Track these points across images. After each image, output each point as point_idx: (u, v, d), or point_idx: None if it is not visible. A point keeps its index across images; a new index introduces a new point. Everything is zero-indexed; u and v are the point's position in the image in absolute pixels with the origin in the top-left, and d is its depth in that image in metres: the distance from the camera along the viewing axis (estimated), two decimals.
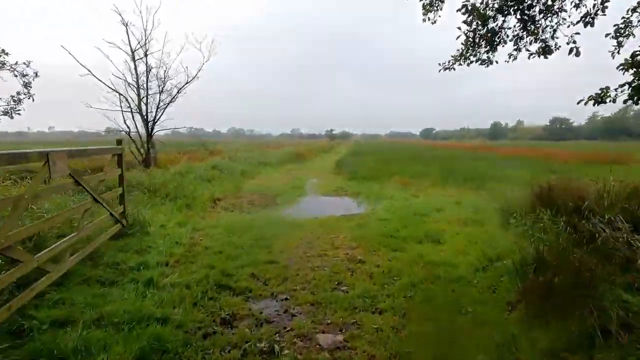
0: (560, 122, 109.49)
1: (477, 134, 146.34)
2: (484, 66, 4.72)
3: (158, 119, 10.88)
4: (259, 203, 8.78)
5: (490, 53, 4.61)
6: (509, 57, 4.76)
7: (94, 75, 10.23)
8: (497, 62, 4.74)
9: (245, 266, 4.46)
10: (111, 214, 4.76)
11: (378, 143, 76.96)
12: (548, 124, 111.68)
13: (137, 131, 11.30)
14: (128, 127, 10.51)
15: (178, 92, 10.90)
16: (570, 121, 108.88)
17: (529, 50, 4.57)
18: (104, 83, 10.37)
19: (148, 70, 10.49)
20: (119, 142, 5.20)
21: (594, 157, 19.07)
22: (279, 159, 20.27)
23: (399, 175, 13.65)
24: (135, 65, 10.88)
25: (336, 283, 4.04)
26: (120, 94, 10.32)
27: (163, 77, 10.65)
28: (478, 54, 4.68)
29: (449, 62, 4.88)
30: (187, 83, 10.95)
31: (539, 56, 4.55)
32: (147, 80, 10.49)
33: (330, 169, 18.04)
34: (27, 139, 66.29)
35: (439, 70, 4.92)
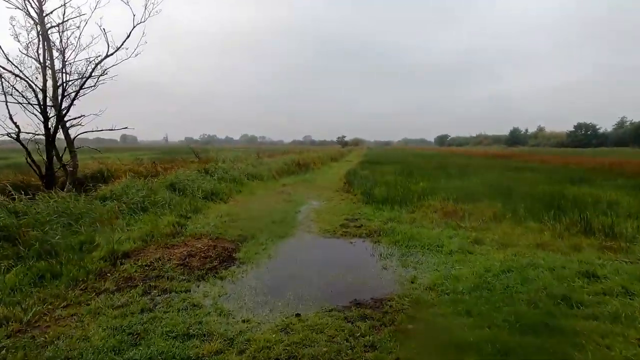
0: (586, 128, 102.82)
1: (495, 140, 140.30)
2: None
3: (66, 113, 7.00)
4: (199, 263, 4.75)
5: None
6: None
7: None
8: None
9: None
10: None
11: (393, 150, 72.68)
12: (572, 129, 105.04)
13: (50, 132, 7.44)
14: (17, 127, 6.65)
15: (94, 70, 7.01)
16: (597, 127, 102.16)
17: None
18: None
19: (39, 33, 6.56)
20: None
21: None
22: (275, 169, 16.26)
23: (434, 197, 9.51)
24: (45, 33, 6.99)
25: None
26: None
27: (62, 45, 6.77)
28: None
29: None
30: (107, 56, 7.04)
31: None
32: (44, 52, 6.62)
33: (338, 184, 13.95)
34: None
35: None
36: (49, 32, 6.70)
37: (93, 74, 7.02)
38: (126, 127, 8.56)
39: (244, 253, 5.22)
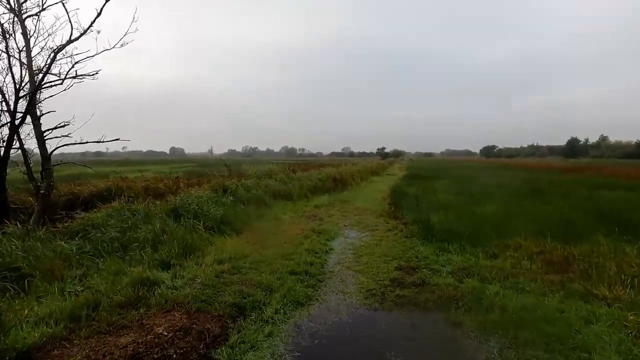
0: None
1: (550, 151, 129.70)
2: None
3: (22, 120, 5.29)
4: None
5: None
6: None
7: None
8: None
9: None
10: None
11: (438, 162, 68.38)
12: None
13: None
14: None
15: (54, 59, 5.29)
16: None
17: None
18: None
19: None
20: None
21: None
22: (307, 187, 14.15)
23: (514, 228, 6.91)
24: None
25: None
26: None
27: (9, 25, 5.14)
28: None
29: None
30: (71, 41, 5.24)
31: None
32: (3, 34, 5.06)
33: (381, 205, 11.51)
34: None
35: None
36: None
37: (54, 68, 5.32)
38: (117, 139, 6.83)
39: (230, 349, 3.03)
